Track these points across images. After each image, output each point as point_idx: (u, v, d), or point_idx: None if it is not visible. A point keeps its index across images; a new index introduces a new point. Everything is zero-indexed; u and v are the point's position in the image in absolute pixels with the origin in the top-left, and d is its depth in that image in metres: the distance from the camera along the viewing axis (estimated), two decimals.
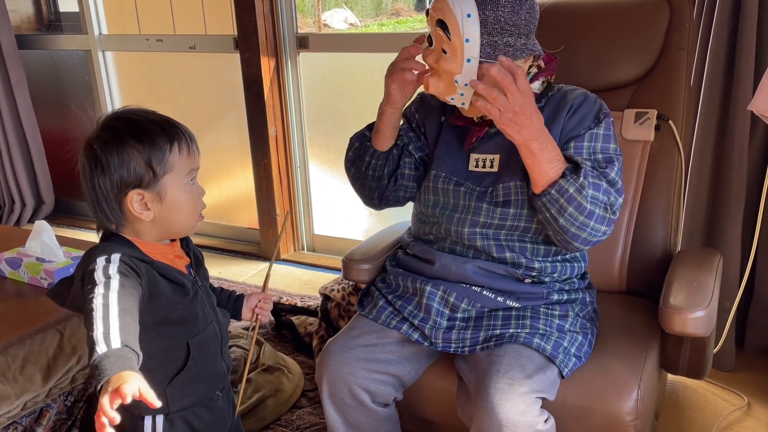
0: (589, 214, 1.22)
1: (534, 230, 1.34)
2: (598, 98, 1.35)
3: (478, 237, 1.35)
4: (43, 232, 1.83)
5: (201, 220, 1.16)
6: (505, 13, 1.23)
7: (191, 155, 1.11)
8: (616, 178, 1.28)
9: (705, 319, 1.25)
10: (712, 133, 1.90)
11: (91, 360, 0.89)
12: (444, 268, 1.36)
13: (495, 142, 1.36)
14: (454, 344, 1.33)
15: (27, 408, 1.57)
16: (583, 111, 1.32)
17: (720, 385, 1.94)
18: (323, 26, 2.90)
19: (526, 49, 1.27)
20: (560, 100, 1.34)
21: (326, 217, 3.03)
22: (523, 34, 1.27)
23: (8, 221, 3.51)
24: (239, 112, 2.96)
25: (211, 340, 1.18)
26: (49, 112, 3.57)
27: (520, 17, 1.24)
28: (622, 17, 1.63)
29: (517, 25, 1.25)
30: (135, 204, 1.07)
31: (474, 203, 1.36)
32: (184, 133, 1.11)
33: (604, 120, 1.31)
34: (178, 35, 3.05)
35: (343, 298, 2.15)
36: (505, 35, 1.24)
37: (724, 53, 1.83)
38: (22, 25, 3.55)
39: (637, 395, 1.25)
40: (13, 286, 1.79)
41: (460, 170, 1.39)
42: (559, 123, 1.31)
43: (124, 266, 1.02)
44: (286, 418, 1.89)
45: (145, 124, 1.08)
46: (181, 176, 1.10)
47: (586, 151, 1.29)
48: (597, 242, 1.27)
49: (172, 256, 1.16)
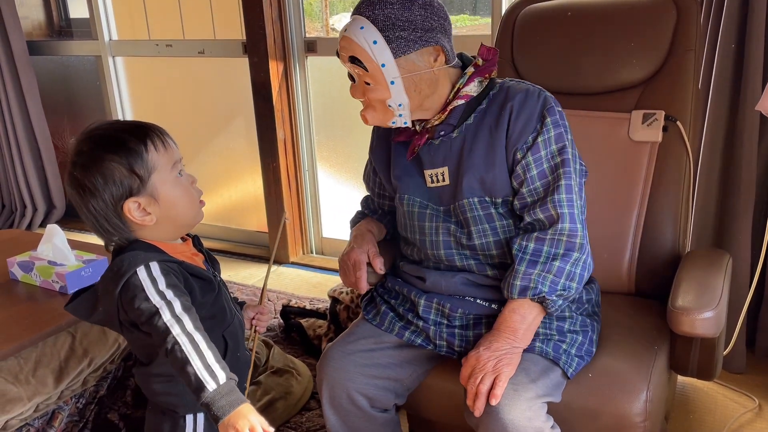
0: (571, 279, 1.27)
1: (505, 241, 1.32)
2: (542, 91, 1.30)
3: (456, 258, 1.35)
4: (55, 235, 1.84)
5: (203, 205, 1.16)
6: (394, 10, 1.21)
7: (168, 149, 1.10)
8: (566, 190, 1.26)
9: (714, 320, 1.25)
10: (721, 133, 1.89)
11: (201, 398, 0.95)
12: (434, 284, 1.37)
13: (440, 153, 1.33)
14: (458, 347, 1.33)
15: (39, 410, 1.59)
16: (526, 112, 1.28)
17: (730, 387, 1.93)
18: (331, 30, 2.92)
19: (422, 41, 1.23)
20: (502, 103, 1.30)
21: (335, 220, 3.04)
22: (420, 29, 1.23)
23: (20, 225, 3.55)
24: (248, 116, 2.97)
25: (237, 331, 1.21)
26: (60, 117, 3.60)
27: (413, 13, 1.22)
28: (629, 18, 1.63)
29: (411, 20, 1.22)
30: (134, 213, 1.08)
31: (441, 224, 1.35)
32: (153, 130, 1.10)
33: (549, 116, 1.27)
34: (187, 40, 3.07)
35: (351, 301, 2.16)
36: (396, 29, 1.22)
37: (732, 53, 1.83)
38: (34, 32, 3.59)
39: (646, 396, 1.24)
40: (26, 289, 1.81)
41: (421, 190, 1.38)
42: (502, 127, 1.28)
43: (168, 277, 1.04)
44: (295, 420, 1.89)
45: (114, 134, 1.08)
46: (166, 171, 1.09)
47: (545, 160, 1.27)
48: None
49: (190, 254, 1.18)
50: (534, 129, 1.27)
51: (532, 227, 1.29)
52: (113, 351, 1.72)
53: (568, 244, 1.26)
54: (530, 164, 1.27)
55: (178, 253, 1.14)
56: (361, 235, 1.49)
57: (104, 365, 1.72)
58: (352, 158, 2.91)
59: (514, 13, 1.78)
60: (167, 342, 0.99)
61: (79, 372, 1.64)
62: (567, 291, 1.26)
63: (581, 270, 1.28)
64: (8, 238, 2.19)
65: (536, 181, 1.28)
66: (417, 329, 1.37)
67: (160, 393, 1.15)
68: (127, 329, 1.10)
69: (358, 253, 1.44)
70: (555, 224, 1.26)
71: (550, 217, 1.27)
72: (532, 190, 1.28)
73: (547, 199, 1.27)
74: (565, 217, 1.26)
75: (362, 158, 1.46)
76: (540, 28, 1.73)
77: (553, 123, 1.27)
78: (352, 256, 1.44)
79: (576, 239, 1.26)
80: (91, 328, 1.68)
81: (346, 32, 1.25)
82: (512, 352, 1.22)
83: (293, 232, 3.00)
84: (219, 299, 1.17)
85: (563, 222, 1.26)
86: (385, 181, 1.48)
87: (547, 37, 1.72)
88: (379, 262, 1.44)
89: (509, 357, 1.21)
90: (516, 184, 1.30)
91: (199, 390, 0.96)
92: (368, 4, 1.23)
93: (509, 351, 1.22)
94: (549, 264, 1.25)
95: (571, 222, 1.26)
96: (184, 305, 1.02)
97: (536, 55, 1.73)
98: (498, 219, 1.31)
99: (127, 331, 1.11)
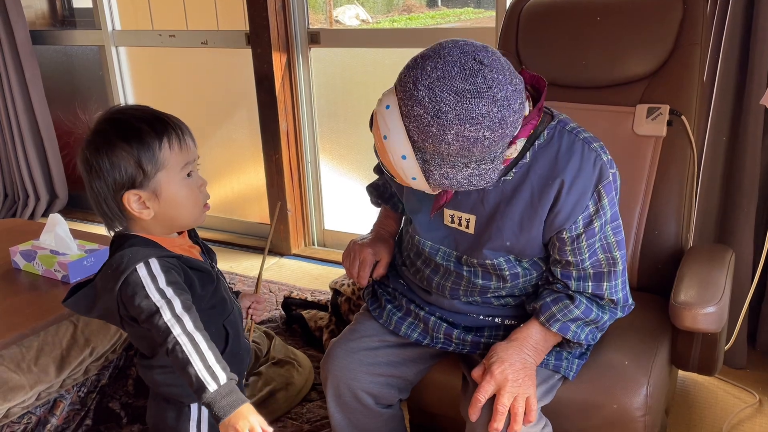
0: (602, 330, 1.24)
1: (524, 286, 1.26)
2: (598, 156, 1.12)
3: (461, 296, 1.29)
4: (57, 224, 1.84)
5: (207, 209, 1.14)
6: (450, 149, 0.99)
7: (184, 149, 1.08)
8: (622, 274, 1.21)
9: (716, 315, 1.25)
10: (725, 128, 1.88)
11: (202, 399, 0.97)
12: (437, 301, 1.33)
13: (470, 199, 1.18)
14: (455, 344, 1.32)
15: (41, 398, 1.59)
16: (579, 188, 1.10)
17: (731, 383, 1.93)
18: (334, 22, 2.91)
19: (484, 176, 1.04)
20: (551, 167, 1.11)
21: (337, 212, 3.04)
22: (474, 162, 1.02)
23: (22, 215, 3.55)
24: (251, 107, 2.97)
25: (238, 319, 1.22)
26: (62, 107, 3.60)
27: (472, 152, 1.00)
28: (635, 11, 1.62)
29: (468, 156, 1.01)
30: (133, 204, 1.07)
31: (453, 269, 1.25)
32: (175, 127, 1.08)
33: (606, 195, 1.11)
34: (190, 31, 3.06)
35: (353, 293, 2.16)
36: (445, 166, 1.02)
37: (737, 47, 1.82)
38: (37, 21, 3.58)
39: (647, 391, 1.25)
40: (28, 278, 1.81)
41: (435, 226, 1.24)
42: (547, 200, 1.12)
43: (168, 274, 1.04)
44: (296, 411, 1.90)
45: (133, 123, 1.06)
46: (175, 171, 1.07)
47: (598, 241, 1.15)
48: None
49: (187, 247, 1.17)
50: (586, 207, 1.11)
51: (578, 292, 1.22)
52: (115, 340, 1.73)
53: (615, 309, 1.24)
54: (583, 248, 1.15)
55: (176, 247, 1.13)
56: (382, 238, 1.45)
57: (106, 354, 1.72)
58: (354, 150, 2.90)
59: (519, 5, 1.77)
60: (168, 342, 0.99)
61: (80, 361, 1.64)
62: (594, 340, 1.25)
63: (610, 322, 1.26)
64: (10, 227, 2.19)
65: (587, 261, 1.17)
66: (415, 321, 1.35)
67: (164, 384, 1.16)
68: (128, 324, 1.10)
69: (370, 253, 1.40)
70: (608, 302, 1.22)
71: (602, 296, 1.21)
72: (582, 269, 1.19)
73: (602, 282, 1.19)
74: (620, 300, 1.23)
75: (365, 150, 1.46)
76: (545, 20, 1.72)
77: (610, 202, 1.13)
78: (364, 252, 1.40)
79: (626, 306, 1.25)
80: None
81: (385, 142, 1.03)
82: (533, 369, 1.19)
83: (295, 224, 3.00)
84: (218, 290, 1.17)
85: (618, 305, 1.23)
86: (398, 198, 1.41)
87: (552, 29, 1.71)
88: (380, 274, 1.42)
89: (532, 374, 1.18)
90: (559, 258, 1.18)
91: (200, 390, 0.97)
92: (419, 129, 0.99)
93: (531, 368, 1.18)
94: (599, 316, 1.22)
95: (625, 301, 1.24)
96: (184, 304, 1.02)
97: (541, 47, 1.72)
98: (523, 275, 1.23)
99: (128, 326, 1.11)
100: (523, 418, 1.15)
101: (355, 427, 1.37)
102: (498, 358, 1.17)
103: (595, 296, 1.22)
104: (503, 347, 1.19)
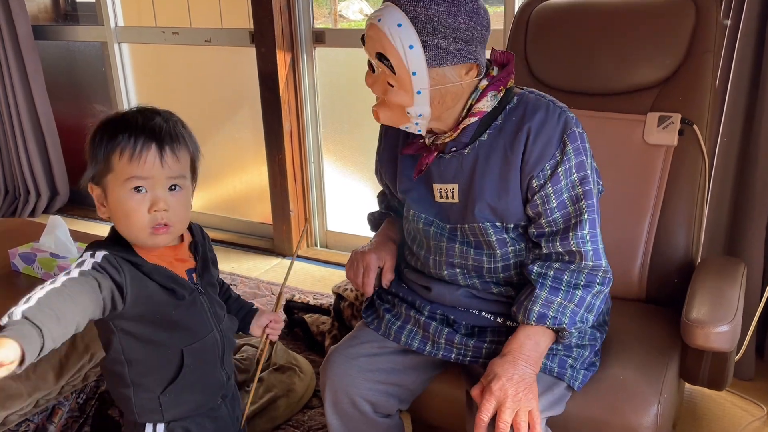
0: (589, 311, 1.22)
1: (515, 264, 1.27)
2: (563, 111, 1.21)
3: (459, 277, 1.30)
4: (57, 227, 1.82)
5: (158, 233, 1.05)
6: (439, 12, 1.11)
7: (133, 163, 1.02)
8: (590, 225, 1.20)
9: (729, 334, 1.22)
10: (737, 138, 1.85)
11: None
12: (439, 295, 1.32)
13: (451, 169, 1.26)
14: (456, 350, 1.29)
15: (39, 405, 1.58)
16: (545, 135, 1.18)
17: (739, 395, 1.90)
18: (339, 17, 2.87)
19: (460, 55, 1.15)
20: (519, 122, 1.21)
21: (340, 213, 3.01)
22: (461, 39, 1.14)
23: (23, 212, 3.53)
24: (254, 106, 2.94)
25: (211, 349, 1.15)
26: (64, 103, 3.57)
27: (458, 19, 1.12)
28: (647, 18, 1.59)
29: (454, 28, 1.12)
30: (94, 196, 1.07)
31: (446, 244, 1.29)
32: (146, 138, 1.03)
33: (570, 143, 1.18)
34: (194, 28, 3.03)
35: (356, 298, 2.14)
36: (437, 36, 1.12)
37: (750, 56, 1.79)
38: (39, 16, 3.55)
39: (657, 410, 1.22)
40: (27, 281, 1.79)
41: (427, 204, 1.31)
42: (518, 151, 1.20)
43: (104, 262, 1.02)
44: (297, 418, 1.88)
45: (122, 119, 1.05)
46: (119, 180, 1.03)
47: (565, 190, 1.19)
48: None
49: (171, 259, 1.11)
50: (553, 155, 1.18)
51: (549, 257, 1.24)
52: None
53: (589, 276, 1.22)
54: (549, 195, 1.19)
55: (154, 256, 1.08)
56: (384, 242, 1.43)
57: None
58: (358, 151, 2.88)
59: (528, 9, 1.74)
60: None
61: (79, 367, 1.63)
62: (584, 323, 1.22)
63: (600, 302, 1.23)
64: (11, 228, 2.17)
65: (555, 212, 1.21)
66: (415, 328, 1.33)
67: (119, 398, 1.13)
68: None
69: (373, 258, 1.38)
70: (578, 262, 1.21)
71: (572, 254, 1.21)
72: (551, 221, 1.21)
73: (569, 234, 1.20)
74: (588, 254, 1.21)
75: (368, 152, 1.44)
76: (555, 25, 1.69)
77: (575, 150, 1.18)
78: (366, 258, 1.39)
79: (599, 272, 1.22)
80: (92, 324, 1.66)
81: (379, 23, 1.13)
82: (532, 379, 1.17)
83: (297, 225, 2.98)
84: (190, 312, 1.11)
85: (587, 260, 1.21)
86: (393, 190, 1.43)
87: (561, 34, 1.68)
88: (388, 278, 1.40)
89: (531, 386, 1.16)
90: (532, 213, 1.23)
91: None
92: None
93: (530, 380, 1.16)
94: (571, 293, 1.21)
95: (596, 258, 1.21)
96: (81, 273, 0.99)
97: (550, 53, 1.69)
98: (511, 244, 1.26)
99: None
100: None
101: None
102: (495, 375, 1.16)
103: (565, 255, 1.21)
104: (498, 363, 1.18)
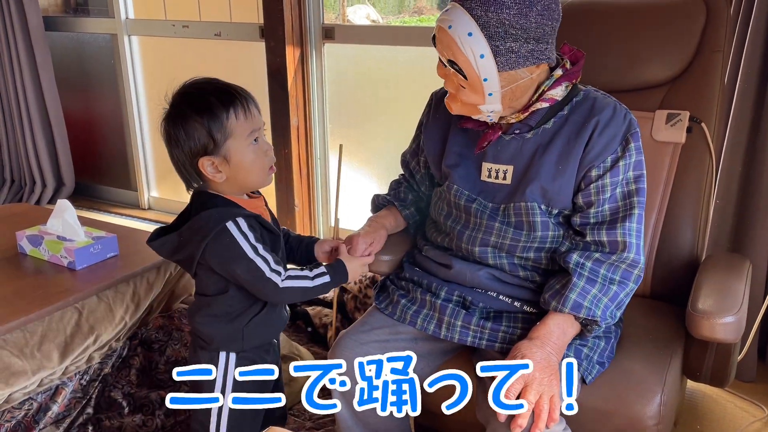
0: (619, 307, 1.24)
1: (548, 249, 1.29)
2: (628, 112, 1.27)
3: (490, 256, 1.32)
4: (65, 211, 1.83)
5: (273, 172, 1.27)
6: (510, 15, 1.13)
7: (249, 118, 1.21)
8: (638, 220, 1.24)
9: (735, 325, 1.22)
10: (744, 136, 1.86)
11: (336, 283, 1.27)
12: (459, 273, 1.34)
13: (509, 150, 1.29)
14: (472, 333, 1.29)
15: (43, 385, 1.58)
16: (611, 130, 1.24)
17: (740, 396, 1.91)
18: (347, 22, 2.89)
19: (532, 57, 1.17)
20: (587, 114, 1.25)
21: (345, 209, 3.01)
22: (533, 39, 1.16)
23: (28, 201, 3.53)
24: (262, 101, 2.92)
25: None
26: (73, 95, 3.58)
27: (529, 20, 1.14)
28: (657, 16, 1.60)
29: (526, 28, 1.14)
30: (207, 168, 1.21)
31: (485, 221, 1.31)
32: (240, 97, 1.21)
33: (633, 142, 1.24)
34: (203, 22, 3.05)
35: (359, 291, 2.14)
36: (508, 40, 1.14)
37: (759, 55, 1.80)
38: (50, 7, 3.57)
39: (661, 400, 1.22)
40: (34, 263, 1.80)
41: (472, 181, 1.33)
42: (582, 140, 1.24)
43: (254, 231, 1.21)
44: (298, 407, 1.88)
45: (204, 97, 1.20)
46: (242, 139, 1.20)
47: (620, 184, 1.24)
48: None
49: (262, 209, 1.30)
50: (615, 150, 1.23)
51: (589, 246, 1.25)
52: (119, 329, 1.71)
53: (626, 273, 1.24)
54: (606, 186, 1.23)
55: (254, 208, 1.26)
56: (375, 230, 1.46)
57: (110, 343, 1.70)
58: (364, 148, 2.88)
59: None
60: (279, 294, 1.21)
61: (84, 348, 1.63)
62: (612, 319, 1.23)
63: (627, 301, 1.25)
64: (18, 212, 2.18)
65: (606, 204, 1.24)
66: (431, 312, 1.34)
67: (207, 329, 1.27)
68: (203, 271, 1.24)
69: (360, 241, 1.39)
70: (620, 252, 1.23)
71: (615, 244, 1.23)
72: (599, 212, 1.25)
73: (616, 225, 1.23)
74: (632, 247, 1.23)
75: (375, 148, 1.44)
76: (564, 22, 1.68)
77: (636, 149, 1.24)
78: (354, 240, 1.40)
79: (635, 270, 1.24)
80: (98, 304, 1.67)
81: (450, 30, 1.15)
82: (556, 367, 1.18)
83: (302, 220, 2.98)
84: (280, 255, 1.29)
85: (629, 252, 1.23)
86: (433, 165, 1.43)
87: (571, 32, 1.68)
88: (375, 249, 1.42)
89: (556, 373, 1.17)
90: (582, 202, 1.26)
91: (326, 286, 1.25)
92: (481, 1, 1.14)
93: (554, 366, 1.17)
94: (606, 287, 1.22)
95: (637, 253, 1.24)
96: (274, 258, 1.21)
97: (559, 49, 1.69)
98: (552, 229, 1.28)
99: (203, 273, 1.25)
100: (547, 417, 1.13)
101: (358, 419, 1.35)
102: (523, 356, 1.17)
103: (608, 245, 1.23)
104: (526, 345, 1.18)
